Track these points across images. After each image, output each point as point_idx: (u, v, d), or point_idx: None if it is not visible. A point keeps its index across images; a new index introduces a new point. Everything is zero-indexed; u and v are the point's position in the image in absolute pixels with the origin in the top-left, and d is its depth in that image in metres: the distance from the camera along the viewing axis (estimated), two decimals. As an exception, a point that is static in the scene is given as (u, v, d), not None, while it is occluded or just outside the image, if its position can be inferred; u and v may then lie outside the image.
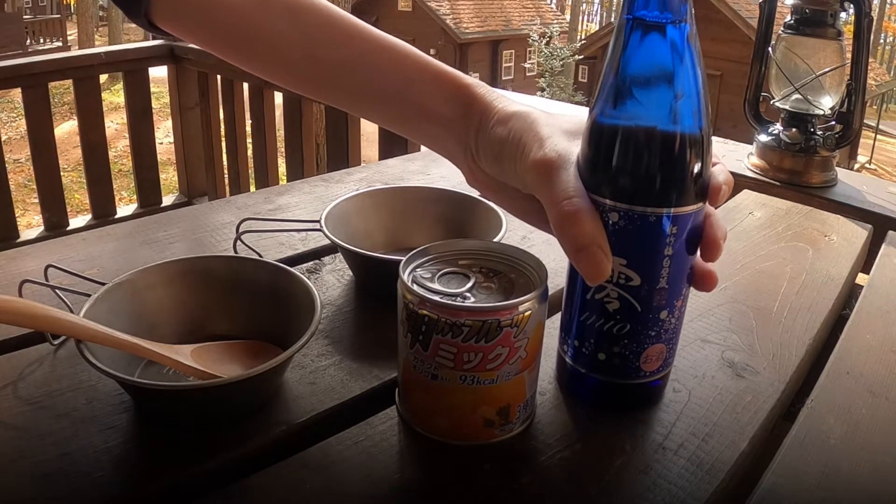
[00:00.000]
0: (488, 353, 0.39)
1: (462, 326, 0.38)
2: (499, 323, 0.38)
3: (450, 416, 0.42)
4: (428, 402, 0.42)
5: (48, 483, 0.39)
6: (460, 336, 0.38)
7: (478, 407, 0.41)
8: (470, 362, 0.39)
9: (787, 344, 0.56)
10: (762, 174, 0.98)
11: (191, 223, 0.73)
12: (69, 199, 2.19)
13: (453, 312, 0.38)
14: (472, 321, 0.38)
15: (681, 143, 0.40)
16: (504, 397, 0.41)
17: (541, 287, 0.41)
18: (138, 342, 0.43)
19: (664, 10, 0.38)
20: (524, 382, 0.42)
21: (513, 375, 0.40)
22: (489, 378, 0.40)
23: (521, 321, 0.39)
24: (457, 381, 0.40)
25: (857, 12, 0.90)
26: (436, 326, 0.39)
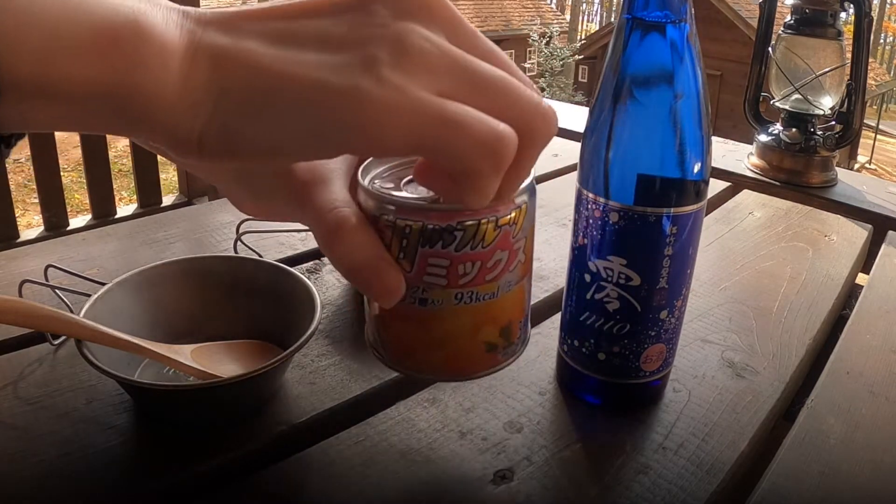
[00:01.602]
0: (486, 261, 0.32)
1: (454, 231, 0.31)
2: (497, 221, 0.32)
3: (445, 348, 0.35)
4: (416, 336, 0.35)
5: (48, 483, 0.39)
6: (453, 244, 0.31)
7: (478, 330, 0.35)
8: (466, 275, 0.32)
9: (787, 344, 0.56)
10: (762, 174, 0.98)
11: (191, 223, 0.73)
12: (69, 199, 2.19)
13: (443, 215, 0.31)
14: (466, 223, 0.31)
15: (681, 143, 0.40)
16: (506, 313, 0.35)
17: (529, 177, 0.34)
18: (138, 342, 0.43)
19: (664, 10, 0.38)
20: (524, 293, 0.36)
21: (514, 285, 0.34)
22: (489, 292, 0.33)
23: (519, 216, 0.33)
24: (452, 303, 0.33)
25: (857, 12, 0.90)
26: (422, 237, 0.31)
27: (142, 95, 0.26)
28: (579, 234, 0.43)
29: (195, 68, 0.26)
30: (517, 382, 0.49)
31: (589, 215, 0.42)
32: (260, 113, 0.26)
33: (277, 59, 0.26)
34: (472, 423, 0.45)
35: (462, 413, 0.46)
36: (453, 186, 0.28)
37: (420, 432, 0.44)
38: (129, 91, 0.26)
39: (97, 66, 0.25)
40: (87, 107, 0.26)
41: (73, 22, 0.25)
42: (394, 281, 0.31)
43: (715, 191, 0.91)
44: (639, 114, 0.40)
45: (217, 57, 0.27)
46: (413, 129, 0.25)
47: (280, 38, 0.27)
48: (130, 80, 0.26)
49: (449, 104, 0.26)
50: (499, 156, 0.27)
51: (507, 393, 0.48)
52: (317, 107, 0.25)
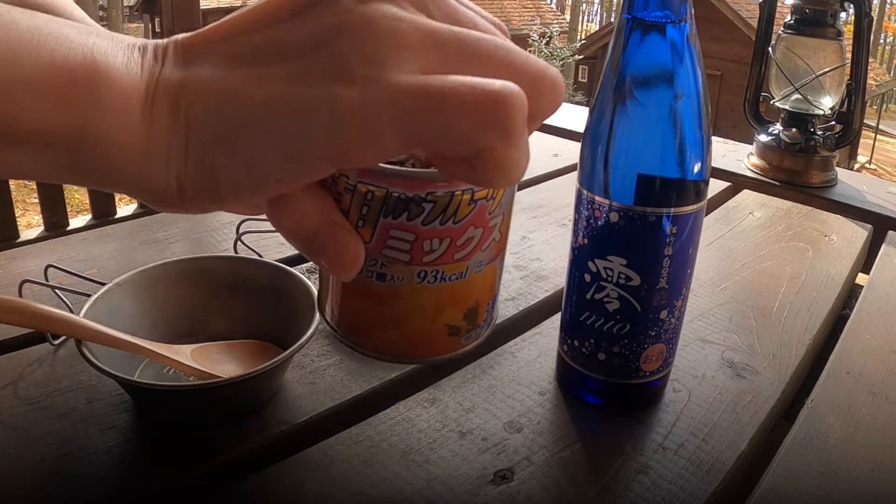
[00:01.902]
0: (457, 239, 0.29)
1: (423, 203, 0.27)
2: (472, 194, 0.28)
3: (403, 328, 0.31)
4: (372, 313, 0.31)
5: (48, 483, 0.39)
6: (420, 216, 0.27)
7: (441, 312, 0.31)
8: (432, 252, 0.29)
9: (787, 344, 0.56)
10: (762, 174, 0.98)
11: (191, 223, 0.73)
12: (69, 199, 2.19)
13: (412, 183, 0.27)
14: (438, 195, 0.27)
15: (681, 143, 0.40)
16: (472, 295, 0.31)
17: None
18: (138, 342, 0.43)
19: (664, 10, 0.38)
20: (495, 273, 0.32)
21: (484, 265, 0.30)
22: (456, 272, 0.30)
23: (498, 190, 0.29)
24: (414, 280, 0.30)
25: (857, 12, 0.90)
26: (385, 206, 0.27)
27: (105, 142, 0.24)
28: (579, 234, 0.43)
29: (158, 110, 0.24)
30: (517, 382, 0.49)
31: (589, 215, 0.42)
32: (235, 145, 0.24)
33: (241, 81, 0.24)
34: (472, 423, 0.45)
35: (462, 413, 0.46)
36: (473, 171, 0.24)
37: (420, 432, 0.44)
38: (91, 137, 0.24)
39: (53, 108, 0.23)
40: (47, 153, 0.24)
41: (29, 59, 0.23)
42: (351, 248, 0.27)
43: (715, 191, 0.92)
44: (639, 114, 0.40)
45: (178, 93, 0.24)
46: (399, 121, 0.22)
47: (241, 56, 0.24)
48: (90, 125, 0.24)
49: (431, 79, 0.22)
50: (506, 121, 0.22)
51: (507, 393, 0.48)
52: (294, 124, 0.23)
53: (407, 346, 0.32)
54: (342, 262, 0.27)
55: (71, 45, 0.24)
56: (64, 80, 0.23)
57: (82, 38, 0.24)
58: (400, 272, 0.29)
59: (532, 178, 0.92)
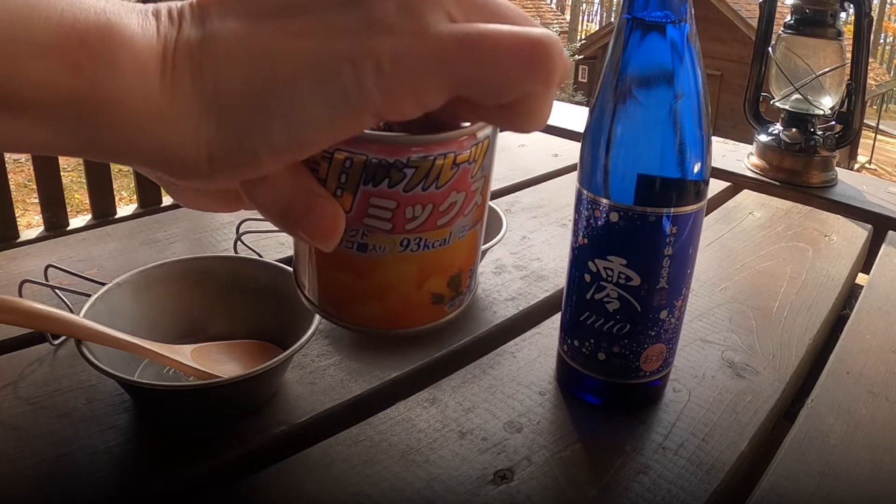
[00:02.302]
0: (439, 204, 0.28)
1: (404, 168, 0.26)
2: (454, 158, 0.27)
3: (386, 299, 0.30)
4: (354, 285, 0.30)
5: (48, 483, 0.39)
6: (402, 183, 0.26)
7: (425, 280, 0.30)
8: (415, 219, 0.28)
9: (787, 344, 0.56)
10: (762, 174, 0.98)
11: (191, 223, 0.73)
12: (69, 199, 2.19)
13: (392, 148, 0.26)
14: (418, 158, 0.26)
15: (680, 143, 0.40)
16: (456, 262, 0.31)
17: None
18: (138, 342, 0.43)
19: (664, 10, 0.38)
20: (477, 238, 0.31)
21: (467, 230, 0.30)
22: (439, 238, 0.29)
23: (479, 153, 0.28)
24: (396, 249, 0.29)
25: (857, 12, 0.90)
26: (365, 172, 0.26)
27: (120, 109, 0.23)
28: (579, 234, 0.43)
29: (179, 74, 0.23)
30: (517, 382, 0.49)
31: (589, 215, 0.42)
32: (271, 103, 0.23)
33: (270, 36, 0.23)
34: (472, 423, 0.45)
35: (462, 413, 0.46)
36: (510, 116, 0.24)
37: (420, 432, 0.44)
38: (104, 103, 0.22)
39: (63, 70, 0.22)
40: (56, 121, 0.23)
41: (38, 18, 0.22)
42: (329, 216, 0.26)
43: (715, 191, 0.92)
44: (639, 114, 0.40)
45: (200, 54, 0.23)
46: (444, 69, 0.22)
47: (265, 9, 0.23)
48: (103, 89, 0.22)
49: (471, 27, 0.22)
50: (546, 66, 0.23)
51: (507, 393, 0.48)
52: (336, 77, 0.22)
53: (389, 318, 0.31)
54: (321, 231, 0.26)
55: (83, 4, 0.23)
56: (75, 41, 0.22)
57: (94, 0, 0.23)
58: (382, 241, 0.28)
59: (532, 178, 0.92)
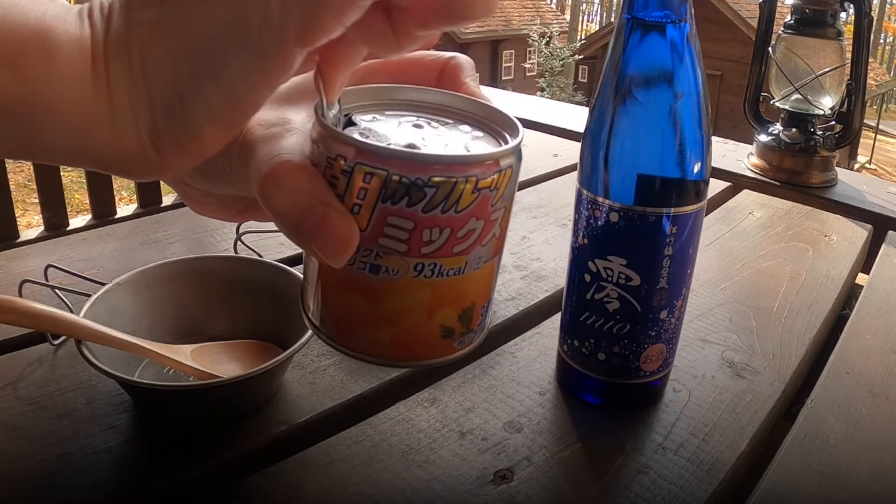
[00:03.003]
0: (457, 230, 0.27)
1: (425, 188, 0.25)
2: (476, 182, 0.26)
3: (394, 327, 0.29)
4: (362, 309, 0.29)
5: (48, 483, 0.39)
6: (421, 203, 0.26)
7: (436, 310, 0.29)
8: (432, 243, 0.27)
9: (787, 344, 0.56)
10: (762, 174, 0.98)
11: (191, 223, 0.73)
12: (69, 199, 2.19)
13: (414, 166, 0.25)
14: (441, 178, 0.25)
15: (680, 143, 0.40)
16: (470, 295, 0.29)
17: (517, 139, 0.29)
18: (138, 342, 0.43)
19: (664, 10, 0.38)
20: (493, 272, 0.30)
21: (483, 262, 0.29)
22: (455, 266, 0.28)
23: (503, 181, 0.27)
24: (410, 274, 0.28)
25: (857, 12, 0.90)
26: (384, 189, 0.25)
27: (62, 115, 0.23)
28: (579, 234, 0.43)
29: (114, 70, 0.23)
30: (517, 382, 0.49)
31: (589, 215, 0.42)
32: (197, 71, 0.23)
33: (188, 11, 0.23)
34: (472, 423, 0.45)
35: (462, 413, 0.46)
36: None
37: (420, 432, 0.44)
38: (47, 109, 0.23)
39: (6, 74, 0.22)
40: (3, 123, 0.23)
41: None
42: (343, 230, 0.25)
43: (715, 191, 0.92)
44: (639, 114, 0.40)
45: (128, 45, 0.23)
46: None
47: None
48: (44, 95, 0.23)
49: None
50: None
51: (507, 393, 0.48)
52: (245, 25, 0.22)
53: (395, 348, 0.30)
54: (333, 246, 0.25)
55: (25, 9, 0.23)
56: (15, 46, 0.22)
57: (35, 4, 0.23)
58: (395, 264, 0.27)
59: (532, 178, 0.92)
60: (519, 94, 1.44)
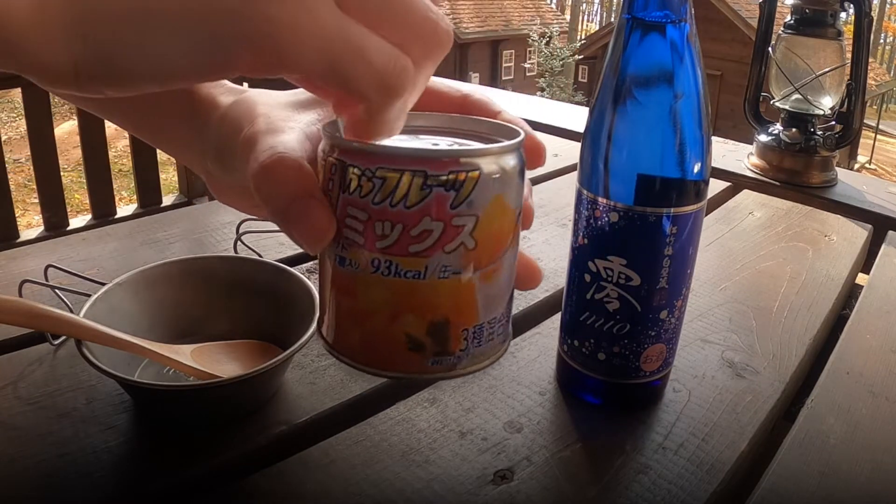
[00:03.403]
0: (410, 227, 0.26)
1: (373, 178, 0.26)
2: (425, 177, 0.26)
3: (362, 328, 0.29)
4: (338, 304, 0.30)
5: (48, 483, 0.39)
6: (371, 194, 0.26)
7: (399, 314, 0.28)
8: (385, 238, 0.27)
9: (787, 344, 0.56)
10: (762, 174, 0.98)
11: (191, 223, 0.73)
12: (69, 199, 2.19)
13: (363, 156, 0.26)
14: (386, 169, 0.26)
15: (681, 143, 0.40)
16: (439, 307, 0.28)
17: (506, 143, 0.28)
18: (138, 342, 0.43)
19: (664, 10, 0.38)
20: (474, 292, 0.28)
21: (451, 273, 0.27)
22: (413, 269, 0.27)
23: (464, 184, 0.26)
24: (369, 269, 0.28)
25: (857, 12, 0.90)
26: (342, 179, 0.27)
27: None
28: (579, 234, 0.43)
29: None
30: (517, 382, 0.49)
31: (589, 215, 0.42)
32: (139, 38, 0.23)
33: None
34: (472, 423, 0.45)
35: (462, 413, 0.46)
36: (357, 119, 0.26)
37: (420, 432, 0.44)
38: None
39: None
40: None
41: None
42: (320, 220, 0.27)
43: (715, 191, 0.92)
44: (639, 114, 0.40)
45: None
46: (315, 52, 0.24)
47: None
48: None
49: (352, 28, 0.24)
50: (392, 91, 0.25)
51: (507, 393, 0.48)
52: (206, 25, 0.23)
53: (366, 352, 0.30)
54: (310, 234, 0.27)
55: None
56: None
57: None
58: (356, 257, 0.28)
59: (532, 178, 0.92)
60: (519, 94, 1.44)
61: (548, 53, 15.67)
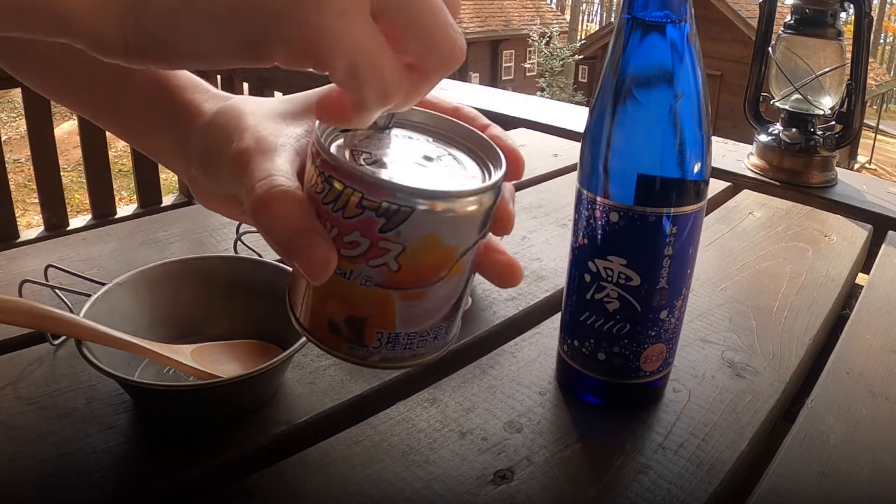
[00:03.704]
0: (344, 234, 0.30)
1: (325, 182, 0.29)
2: (361, 198, 0.28)
3: (304, 299, 0.33)
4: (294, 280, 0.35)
5: (48, 483, 0.39)
6: (322, 193, 0.30)
7: (326, 299, 0.32)
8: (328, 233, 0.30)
9: (787, 344, 0.56)
10: (762, 174, 0.98)
11: (191, 223, 0.73)
12: (69, 199, 2.19)
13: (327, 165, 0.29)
14: (335, 178, 0.29)
15: (680, 143, 0.40)
16: (358, 305, 0.31)
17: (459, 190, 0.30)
18: (138, 342, 0.43)
19: (664, 10, 0.38)
20: (392, 304, 0.31)
21: (373, 284, 0.30)
22: (342, 268, 0.30)
23: (395, 215, 0.29)
24: None
25: (857, 12, 0.90)
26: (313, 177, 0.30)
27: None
28: (579, 234, 0.43)
29: None
30: (517, 382, 0.49)
31: (589, 215, 0.42)
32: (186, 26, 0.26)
33: None
34: (472, 423, 0.45)
35: (462, 413, 0.46)
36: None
37: (420, 432, 0.44)
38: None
39: None
40: None
41: None
42: (323, 256, 0.29)
43: (715, 191, 0.92)
44: (639, 114, 0.40)
45: None
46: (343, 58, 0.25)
47: None
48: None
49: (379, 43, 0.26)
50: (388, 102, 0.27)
51: (507, 393, 0.48)
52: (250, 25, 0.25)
53: (305, 319, 0.33)
54: (313, 267, 0.29)
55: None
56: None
57: None
58: None
59: (532, 177, 0.92)
60: (519, 94, 1.44)
61: (548, 53, 15.67)
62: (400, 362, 0.33)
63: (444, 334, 0.34)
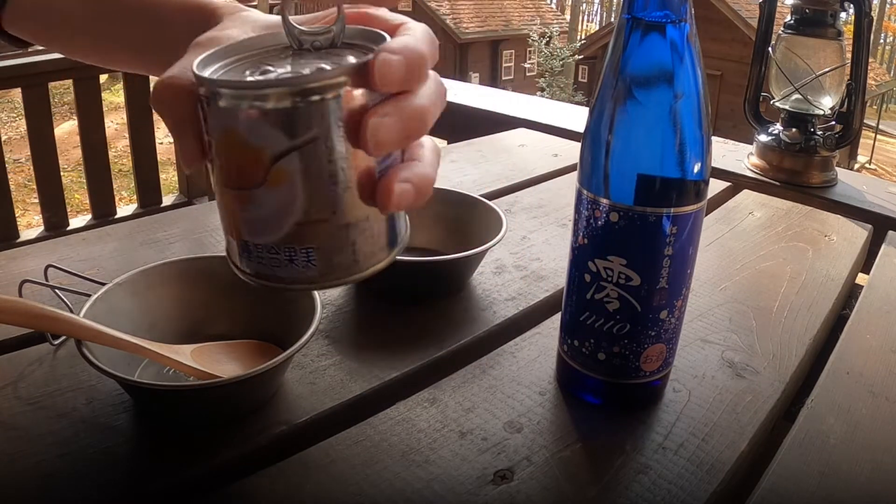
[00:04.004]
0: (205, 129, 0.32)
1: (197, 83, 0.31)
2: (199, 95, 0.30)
3: None
4: None
5: (48, 483, 0.39)
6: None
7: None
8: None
9: (787, 344, 0.56)
10: (762, 174, 0.98)
11: (191, 223, 0.73)
12: (69, 199, 2.19)
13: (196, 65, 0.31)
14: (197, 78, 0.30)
15: (680, 143, 0.40)
16: (219, 205, 0.33)
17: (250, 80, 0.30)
18: (138, 342, 0.43)
19: (664, 10, 0.38)
20: (234, 206, 0.31)
21: (218, 183, 0.32)
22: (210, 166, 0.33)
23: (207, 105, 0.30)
24: None
25: (857, 12, 0.90)
26: None
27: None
28: (579, 234, 0.43)
29: None
30: (517, 382, 0.49)
31: (589, 215, 0.42)
32: None
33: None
34: (472, 423, 0.45)
35: (462, 413, 0.46)
36: None
37: (420, 432, 0.44)
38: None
39: None
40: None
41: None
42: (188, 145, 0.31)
43: (715, 191, 0.92)
44: (639, 114, 0.40)
45: None
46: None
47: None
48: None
49: None
50: None
51: (507, 393, 0.48)
52: None
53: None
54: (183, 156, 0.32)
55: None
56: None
57: None
58: None
59: (532, 177, 0.92)
60: (519, 94, 1.44)
61: (548, 53, 15.66)
62: (268, 280, 0.33)
63: (303, 262, 0.31)
